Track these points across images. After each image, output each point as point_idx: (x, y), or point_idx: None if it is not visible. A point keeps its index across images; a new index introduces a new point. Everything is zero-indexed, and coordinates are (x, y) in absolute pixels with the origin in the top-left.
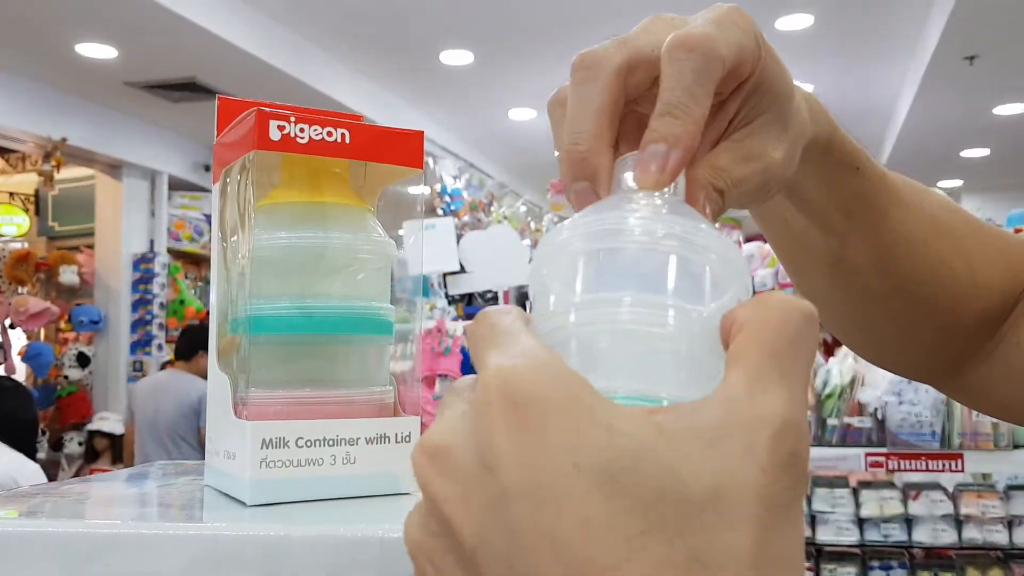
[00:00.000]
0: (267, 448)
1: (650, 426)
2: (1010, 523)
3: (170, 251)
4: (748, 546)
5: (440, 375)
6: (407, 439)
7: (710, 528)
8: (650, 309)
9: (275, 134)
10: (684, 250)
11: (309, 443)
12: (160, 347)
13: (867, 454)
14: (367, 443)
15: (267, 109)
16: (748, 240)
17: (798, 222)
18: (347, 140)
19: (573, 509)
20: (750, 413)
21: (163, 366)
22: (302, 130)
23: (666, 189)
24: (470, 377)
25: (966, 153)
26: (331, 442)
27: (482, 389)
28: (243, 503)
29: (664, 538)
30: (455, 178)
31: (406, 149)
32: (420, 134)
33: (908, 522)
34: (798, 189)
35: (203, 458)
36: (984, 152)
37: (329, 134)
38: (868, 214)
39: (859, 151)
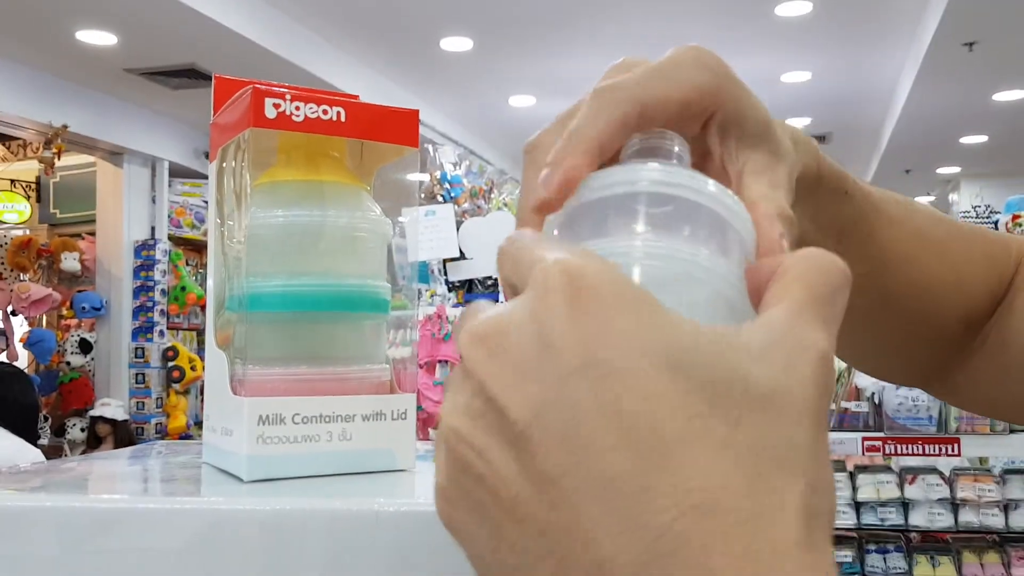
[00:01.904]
0: (264, 425)
1: (705, 330)
2: (1006, 507)
3: (171, 238)
4: (808, 442)
5: (440, 361)
6: (403, 416)
7: (772, 422)
8: (689, 248)
9: (271, 112)
10: (703, 200)
11: (306, 420)
12: (162, 333)
13: (864, 438)
14: (363, 420)
15: (263, 87)
16: None
17: None
18: (343, 118)
19: (638, 384)
20: (793, 339)
21: (165, 353)
22: (297, 108)
23: (674, 160)
24: (485, 301)
25: (965, 139)
26: (327, 419)
27: (542, 277)
28: (240, 479)
29: (727, 423)
30: (455, 165)
31: (401, 127)
32: (415, 113)
33: (905, 506)
34: None
35: None
36: (983, 138)
37: (324, 112)
38: (856, 236)
39: (845, 175)
